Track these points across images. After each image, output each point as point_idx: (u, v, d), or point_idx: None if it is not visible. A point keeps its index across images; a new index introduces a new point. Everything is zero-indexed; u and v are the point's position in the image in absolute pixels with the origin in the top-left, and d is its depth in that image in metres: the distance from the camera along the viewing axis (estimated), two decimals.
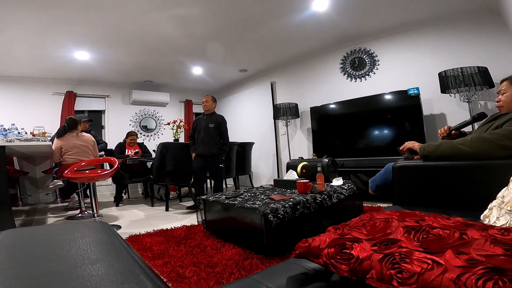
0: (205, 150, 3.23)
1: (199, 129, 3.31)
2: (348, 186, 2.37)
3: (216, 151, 3.23)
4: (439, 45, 3.20)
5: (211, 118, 3.30)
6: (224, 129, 3.31)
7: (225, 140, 3.30)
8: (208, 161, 3.24)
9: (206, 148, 3.23)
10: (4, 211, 1.97)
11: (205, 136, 3.24)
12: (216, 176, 3.31)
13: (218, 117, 3.33)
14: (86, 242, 0.63)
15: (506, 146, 1.15)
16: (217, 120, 3.30)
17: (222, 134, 3.29)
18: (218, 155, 3.24)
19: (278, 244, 1.64)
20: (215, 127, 3.26)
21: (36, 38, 3.21)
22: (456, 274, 0.43)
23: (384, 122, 3.46)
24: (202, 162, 3.25)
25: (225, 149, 3.31)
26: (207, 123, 3.26)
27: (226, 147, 3.33)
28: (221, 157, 3.25)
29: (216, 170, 3.27)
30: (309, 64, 4.51)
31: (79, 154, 2.83)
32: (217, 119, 3.30)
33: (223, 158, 3.27)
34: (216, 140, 3.26)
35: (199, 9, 2.84)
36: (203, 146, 3.24)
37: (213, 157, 3.22)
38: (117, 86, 5.29)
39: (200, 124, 3.34)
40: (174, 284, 1.34)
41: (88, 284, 0.41)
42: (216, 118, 3.30)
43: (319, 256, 0.61)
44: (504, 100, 1.43)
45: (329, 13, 3.05)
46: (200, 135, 3.28)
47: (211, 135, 3.23)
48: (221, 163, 3.25)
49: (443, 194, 1.29)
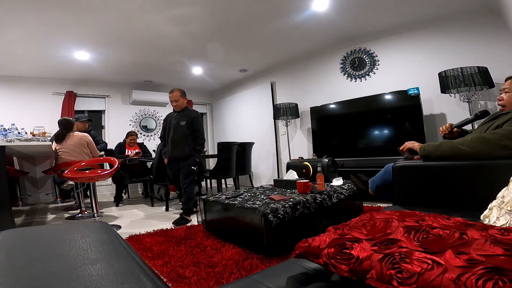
0: (175, 152, 2.85)
1: (169, 129, 2.93)
2: (348, 186, 2.37)
3: (189, 152, 2.82)
4: (439, 45, 3.20)
5: (182, 115, 2.89)
6: (199, 127, 2.87)
7: (200, 140, 2.86)
8: (180, 164, 2.86)
9: (177, 150, 2.84)
10: (4, 211, 1.97)
11: (176, 136, 2.85)
12: (184, 178, 2.80)
13: (191, 113, 2.89)
14: (86, 242, 0.63)
15: (506, 146, 1.15)
16: (190, 116, 2.85)
17: (196, 132, 2.85)
18: (191, 156, 2.82)
19: (278, 244, 1.64)
20: (187, 125, 2.83)
21: (36, 38, 3.21)
22: (456, 274, 0.43)
23: (384, 122, 3.46)
24: (177, 167, 2.87)
25: (200, 150, 2.87)
26: (178, 121, 2.86)
27: (201, 148, 2.89)
28: (194, 159, 2.83)
29: (186, 172, 2.80)
30: (309, 64, 4.51)
31: (68, 154, 2.81)
32: (190, 115, 2.86)
33: (197, 160, 2.86)
34: (189, 140, 2.84)
35: (199, 9, 2.83)
36: (174, 148, 2.85)
37: (186, 159, 2.82)
38: (117, 86, 5.29)
39: (170, 122, 2.95)
40: (174, 284, 1.34)
41: (88, 284, 0.41)
42: (188, 114, 2.87)
43: (319, 256, 0.61)
44: (507, 99, 1.43)
45: (329, 13, 3.05)
46: (170, 135, 2.90)
47: (182, 135, 2.82)
48: (194, 165, 2.82)
49: (443, 194, 1.29)
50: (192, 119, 2.84)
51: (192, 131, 2.84)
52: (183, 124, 2.82)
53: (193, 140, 2.85)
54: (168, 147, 2.91)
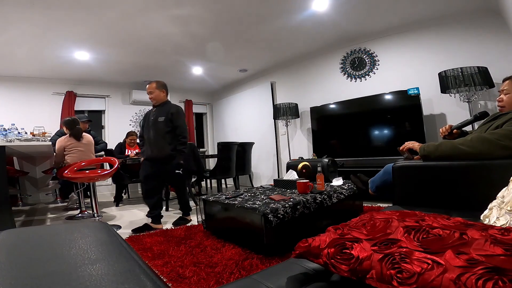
0: (153, 153, 2.55)
1: (146, 126, 2.65)
2: (348, 186, 2.37)
3: (168, 153, 2.51)
4: (439, 45, 3.20)
5: (161, 110, 2.59)
6: (179, 123, 2.54)
7: (182, 138, 2.54)
8: (158, 167, 2.54)
9: (154, 150, 2.55)
10: (4, 211, 1.97)
11: (153, 133, 2.56)
12: (173, 184, 2.63)
13: (170, 108, 2.57)
14: (86, 242, 0.63)
15: (506, 146, 1.15)
16: (169, 111, 2.53)
17: (177, 130, 2.53)
18: (171, 158, 2.50)
19: (278, 244, 1.64)
20: (166, 121, 2.51)
21: (36, 38, 3.21)
22: (456, 274, 0.43)
23: (384, 122, 3.46)
24: (149, 168, 2.56)
25: (182, 150, 2.54)
26: (156, 117, 2.57)
27: (183, 147, 2.55)
28: (177, 162, 2.52)
29: (172, 177, 2.58)
30: (309, 64, 4.51)
31: (82, 153, 2.85)
32: (169, 110, 2.55)
33: (180, 162, 2.54)
34: (168, 139, 2.53)
35: (199, 8, 2.83)
36: (151, 147, 2.57)
37: (165, 161, 2.51)
38: (117, 86, 5.29)
39: (148, 119, 2.66)
40: (174, 284, 1.34)
41: (88, 284, 0.41)
42: (168, 109, 2.56)
43: (319, 256, 0.61)
44: (506, 101, 1.43)
45: (329, 13, 3.05)
46: (147, 133, 2.62)
47: (160, 132, 2.53)
48: (177, 168, 2.53)
49: (443, 194, 1.29)
50: (171, 115, 2.52)
51: (172, 128, 2.53)
52: (161, 121, 2.52)
53: (174, 139, 2.54)
54: (146, 147, 2.63)
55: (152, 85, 2.62)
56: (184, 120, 2.63)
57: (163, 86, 2.66)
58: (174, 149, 2.53)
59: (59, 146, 2.82)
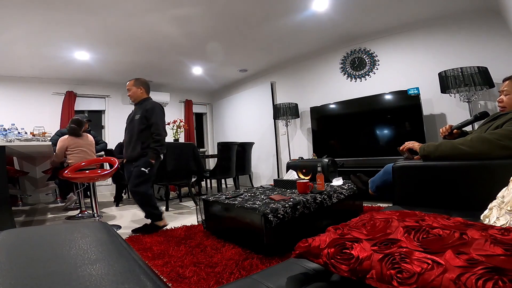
0: (128, 152, 2.43)
1: (126, 126, 2.55)
2: (348, 186, 2.37)
3: (141, 151, 2.35)
4: (439, 45, 3.20)
5: (138, 108, 2.48)
6: (154, 120, 2.35)
7: (155, 135, 2.34)
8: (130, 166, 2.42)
9: (128, 150, 2.43)
10: (4, 211, 1.97)
11: (129, 132, 2.46)
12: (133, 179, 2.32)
13: (146, 104, 2.43)
14: (86, 242, 0.63)
15: (506, 146, 1.15)
16: (145, 108, 2.39)
17: (152, 126, 2.36)
18: (142, 157, 2.34)
19: (278, 244, 1.64)
20: (141, 119, 2.36)
21: (36, 38, 3.21)
22: (456, 274, 0.43)
23: (384, 122, 3.46)
24: (127, 171, 2.46)
25: (156, 148, 2.33)
26: (134, 115, 2.46)
27: (158, 145, 2.33)
28: (146, 159, 2.31)
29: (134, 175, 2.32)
30: (309, 64, 4.51)
31: (86, 154, 2.87)
32: (145, 107, 2.40)
33: (151, 161, 2.32)
34: (143, 137, 2.36)
35: (199, 9, 2.83)
36: (127, 147, 2.44)
37: (136, 160, 2.37)
38: (117, 86, 5.29)
39: (128, 118, 2.56)
40: (174, 284, 1.34)
41: (88, 284, 0.41)
42: (144, 106, 2.42)
43: (319, 256, 0.61)
44: (507, 101, 1.43)
45: (329, 13, 3.05)
46: (125, 134, 2.52)
47: (134, 131, 2.39)
48: (144, 166, 2.30)
49: (443, 194, 1.29)
50: (146, 111, 2.35)
51: (148, 126, 2.36)
52: (137, 118, 2.39)
53: (149, 137, 2.37)
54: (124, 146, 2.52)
55: (130, 82, 2.52)
56: (161, 117, 2.42)
57: (141, 83, 2.54)
58: (147, 146, 2.34)
59: (61, 145, 2.82)
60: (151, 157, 2.32)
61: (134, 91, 2.50)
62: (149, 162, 2.31)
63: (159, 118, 2.39)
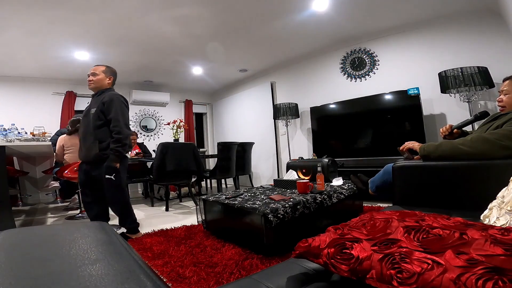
0: (82, 153, 2.08)
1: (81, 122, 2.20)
2: (348, 186, 2.37)
3: (96, 153, 1.97)
4: (439, 45, 3.20)
5: (95, 100, 2.11)
6: (114, 114, 1.96)
7: (115, 133, 1.95)
8: (88, 172, 2.06)
9: (82, 150, 2.07)
10: (4, 211, 1.97)
11: (82, 129, 2.11)
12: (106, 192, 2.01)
13: (105, 96, 2.04)
14: (86, 242, 0.63)
15: (506, 146, 1.15)
16: (103, 100, 2.01)
17: (111, 123, 1.97)
18: (101, 160, 1.96)
19: (278, 244, 1.64)
20: (97, 113, 1.99)
21: (36, 38, 3.21)
22: (456, 274, 0.43)
23: (384, 122, 3.46)
24: (83, 173, 2.10)
25: (116, 149, 1.95)
26: (89, 109, 2.11)
27: (117, 145, 1.95)
28: (108, 165, 1.94)
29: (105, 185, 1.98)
30: (309, 64, 4.51)
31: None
32: (102, 99, 2.03)
33: (115, 165, 1.96)
34: (100, 135, 1.98)
35: (199, 9, 2.83)
36: (81, 147, 2.10)
37: (96, 165, 2.00)
38: (117, 86, 5.24)
39: (84, 113, 2.22)
40: (174, 284, 1.34)
41: (88, 284, 0.41)
42: (101, 99, 2.04)
43: (319, 256, 0.61)
44: (506, 101, 1.43)
45: (329, 13, 3.05)
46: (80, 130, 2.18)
47: (88, 128, 2.02)
48: (110, 172, 1.94)
49: (443, 194, 1.29)
50: (103, 104, 1.97)
51: (106, 122, 1.98)
52: (93, 113, 2.02)
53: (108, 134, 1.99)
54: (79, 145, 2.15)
55: (100, 67, 2.16)
56: (123, 111, 2.02)
57: (112, 73, 2.22)
58: (107, 147, 1.97)
59: (59, 145, 2.84)
60: (113, 160, 1.94)
61: (101, 78, 2.13)
62: (112, 167, 1.94)
63: (120, 113, 1.98)
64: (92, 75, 2.13)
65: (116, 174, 1.97)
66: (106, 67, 2.20)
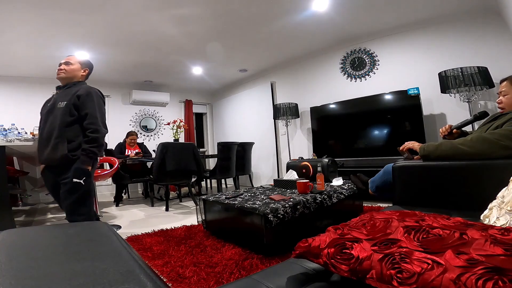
0: (44, 155, 1.69)
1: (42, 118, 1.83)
2: (348, 186, 2.37)
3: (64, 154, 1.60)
4: (439, 45, 3.20)
5: (65, 93, 1.75)
6: (93, 110, 1.69)
7: (90, 131, 1.67)
8: (54, 177, 1.69)
9: (45, 150, 1.68)
10: (4, 211, 1.97)
11: (47, 126, 1.72)
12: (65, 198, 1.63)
13: (80, 89, 1.73)
14: (86, 242, 0.63)
15: (506, 146, 1.15)
16: (76, 93, 1.69)
17: (86, 120, 1.67)
18: (70, 162, 1.61)
19: (278, 244, 1.64)
20: (67, 107, 1.66)
21: (36, 38, 3.21)
22: (456, 274, 0.43)
23: (384, 122, 3.46)
24: (51, 179, 1.72)
25: (93, 150, 1.66)
26: (56, 102, 1.72)
27: (91, 145, 1.66)
28: (78, 165, 1.61)
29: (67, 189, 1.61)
30: (309, 64, 4.51)
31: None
32: (76, 92, 1.71)
33: (87, 167, 1.64)
34: (69, 133, 1.65)
35: (199, 9, 2.83)
36: (43, 147, 1.70)
37: (63, 169, 1.63)
38: (117, 86, 5.29)
39: (45, 106, 1.85)
40: (174, 284, 1.34)
41: (88, 284, 0.41)
42: (75, 92, 1.71)
43: (319, 256, 0.61)
44: (505, 102, 1.43)
45: (329, 13, 3.05)
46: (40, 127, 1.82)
47: (54, 124, 1.66)
48: (79, 175, 1.60)
49: (443, 194, 1.29)
50: (78, 98, 1.67)
51: (78, 118, 1.67)
52: (61, 107, 1.67)
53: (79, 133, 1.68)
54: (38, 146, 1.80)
55: (76, 58, 1.92)
56: (100, 107, 1.77)
57: (89, 65, 1.97)
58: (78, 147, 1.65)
59: None
60: (85, 162, 1.63)
61: (76, 69, 1.87)
62: (83, 170, 1.62)
63: (98, 109, 1.72)
64: (65, 63, 1.87)
65: (86, 178, 1.63)
66: (84, 59, 1.98)
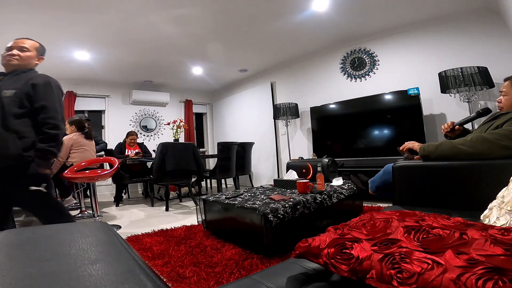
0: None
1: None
2: (348, 186, 2.37)
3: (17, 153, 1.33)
4: (439, 45, 3.20)
5: (13, 80, 1.47)
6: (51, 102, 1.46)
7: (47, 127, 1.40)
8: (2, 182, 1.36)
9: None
10: None
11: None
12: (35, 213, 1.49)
13: (34, 77, 1.50)
14: (86, 242, 0.63)
15: (506, 146, 1.15)
16: (30, 81, 1.44)
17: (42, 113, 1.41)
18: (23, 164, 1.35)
19: (278, 244, 1.64)
20: (18, 97, 1.38)
21: (36, 38, 3.17)
22: (456, 274, 0.43)
23: (384, 122, 3.46)
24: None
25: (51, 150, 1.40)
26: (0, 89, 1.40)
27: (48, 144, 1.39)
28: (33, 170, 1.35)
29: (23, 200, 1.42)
30: (309, 64, 4.51)
31: (88, 153, 2.89)
32: (30, 79, 1.46)
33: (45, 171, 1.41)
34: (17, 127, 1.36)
35: (199, 9, 2.83)
36: None
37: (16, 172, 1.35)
38: (117, 86, 5.29)
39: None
40: (174, 284, 1.34)
41: (88, 284, 0.41)
42: (27, 80, 1.45)
43: (319, 256, 0.61)
44: (505, 103, 1.43)
45: (329, 13, 3.05)
46: None
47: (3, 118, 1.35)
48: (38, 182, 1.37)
49: (443, 194, 1.29)
50: (32, 87, 1.42)
51: (31, 111, 1.40)
52: (9, 95, 1.38)
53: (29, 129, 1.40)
54: None
55: (33, 42, 1.69)
56: (60, 100, 1.55)
57: (43, 53, 1.77)
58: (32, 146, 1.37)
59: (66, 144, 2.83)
60: (42, 166, 1.38)
61: (31, 56, 1.65)
62: (42, 175, 1.38)
63: (58, 101, 1.49)
64: (19, 49, 1.59)
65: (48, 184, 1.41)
66: (40, 44, 1.73)
